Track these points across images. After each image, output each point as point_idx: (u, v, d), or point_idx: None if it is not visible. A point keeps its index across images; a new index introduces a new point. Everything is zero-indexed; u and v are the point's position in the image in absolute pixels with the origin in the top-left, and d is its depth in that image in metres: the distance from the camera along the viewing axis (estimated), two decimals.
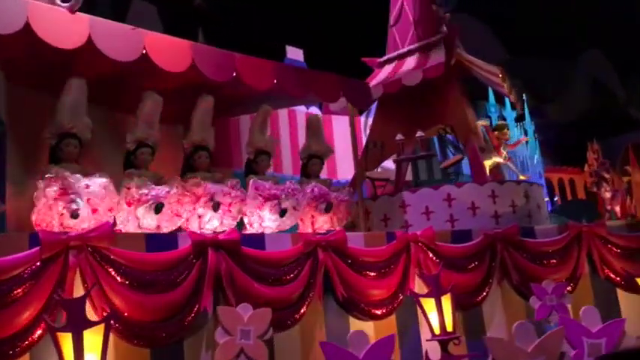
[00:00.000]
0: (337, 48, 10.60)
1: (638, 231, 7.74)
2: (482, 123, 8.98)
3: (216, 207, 6.04)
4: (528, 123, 17.59)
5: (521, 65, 24.64)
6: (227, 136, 9.46)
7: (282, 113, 9.53)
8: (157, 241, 5.18)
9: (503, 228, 7.22)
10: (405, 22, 9.81)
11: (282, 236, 6.11)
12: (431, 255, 6.71)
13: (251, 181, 6.74)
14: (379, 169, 9.67)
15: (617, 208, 8.92)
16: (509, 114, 17.40)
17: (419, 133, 8.44)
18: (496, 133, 9.08)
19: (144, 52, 5.65)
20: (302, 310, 5.78)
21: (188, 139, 6.61)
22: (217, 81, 6.29)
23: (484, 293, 6.93)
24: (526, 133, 17.51)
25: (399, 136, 8.41)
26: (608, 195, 8.90)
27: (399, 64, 9.35)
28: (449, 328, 5.83)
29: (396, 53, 9.51)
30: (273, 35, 11.91)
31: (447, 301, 5.88)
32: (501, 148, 9.02)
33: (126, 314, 4.68)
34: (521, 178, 9.19)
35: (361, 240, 6.49)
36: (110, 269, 4.67)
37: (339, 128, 10.83)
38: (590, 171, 9.37)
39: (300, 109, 10.83)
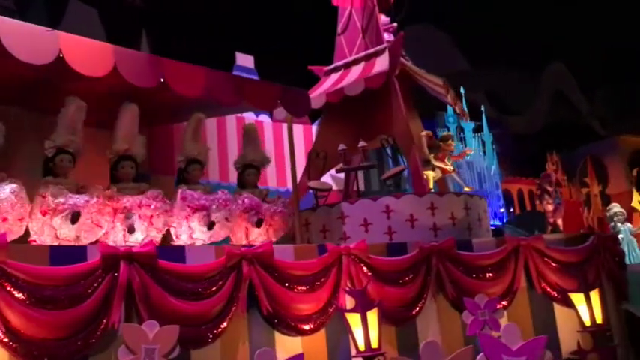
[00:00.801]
0: (295, 56, 10.39)
1: (577, 245, 7.71)
2: (425, 134, 8.88)
3: (128, 219, 5.79)
4: (486, 134, 17.68)
5: (483, 76, 24.85)
6: (170, 143, 9.24)
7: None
8: (62, 253, 4.92)
9: (440, 241, 7.11)
10: (352, 30, 9.72)
11: (205, 249, 5.91)
12: (364, 268, 6.57)
13: (179, 192, 6.53)
14: (330, 179, 9.53)
15: (560, 221, 8.91)
16: (468, 125, 17.48)
17: (361, 144, 8.32)
18: (441, 144, 8.99)
19: (60, 55, 5.41)
20: (223, 326, 5.57)
21: (112, 148, 6.37)
22: (142, 87, 6.05)
23: (418, 307, 6.79)
24: (484, 145, 17.61)
25: (341, 146, 8.28)
26: (550, 208, 8.88)
27: (344, 73, 9.24)
28: (374, 344, 5.69)
29: (342, 62, 9.40)
30: (226, 41, 11.70)
31: (373, 317, 5.74)
32: (446, 160, 8.93)
33: (22, 331, 4.42)
34: (466, 189, 9.11)
35: (291, 252, 6.30)
36: (5, 283, 4.41)
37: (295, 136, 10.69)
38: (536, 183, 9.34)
39: (249, 116, 10.67)
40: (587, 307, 6.69)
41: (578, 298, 6.76)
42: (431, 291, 6.92)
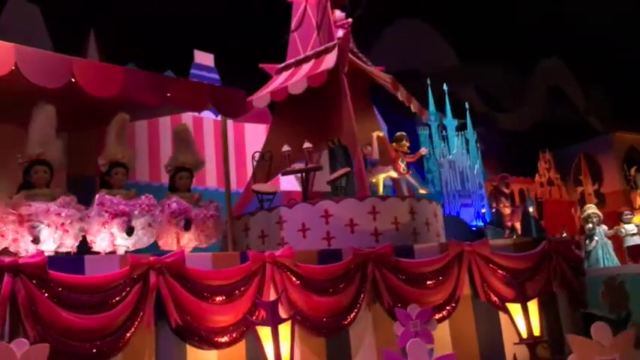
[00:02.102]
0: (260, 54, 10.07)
1: (526, 250, 7.32)
2: (377, 134, 8.53)
3: (34, 228, 5.51)
4: (470, 132, 17.23)
5: (473, 72, 24.34)
6: None
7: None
8: None
9: (378, 247, 6.77)
10: (307, 26, 9.39)
11: (108, 258, 5.62)
12: (292, 277, 6.25)
13: (96, 197, 6.24)
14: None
15: (518, 225, 8.52)
16: (450, 122, 17.06)
17: (306, 145, 7.99)
18: (394, 144, 8.63)
19: None
20: (125, 339, 5.28)
21: (24, 153, 6.08)
22: (48, 87, 5.77)
23: (350, 317, 6.47)
24: (468, 143, 17.19)
25: (285, 148, 7.96)
26: (507, 211, 8.50)
27: (294, 71, 8.91)
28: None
29: (293, 60, 9.06)
30: (184, 40, 11.39)
31: (285, 330, 5.41)
32: (399, 161, 8.57)
33: None
34: (422, 192, 8.75)
35: (209, 261, 5.99)
36: None
37: (255, 137, 10.46)
38: (493, 186, 8.94)
39: (208, 115, 10.40)
40: (524, 318, 6.30)
41: (515, 309, 6.37)
42: (366, 300, 6.59)
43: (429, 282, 6.84)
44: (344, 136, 8.07)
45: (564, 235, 15.26)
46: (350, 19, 9.30)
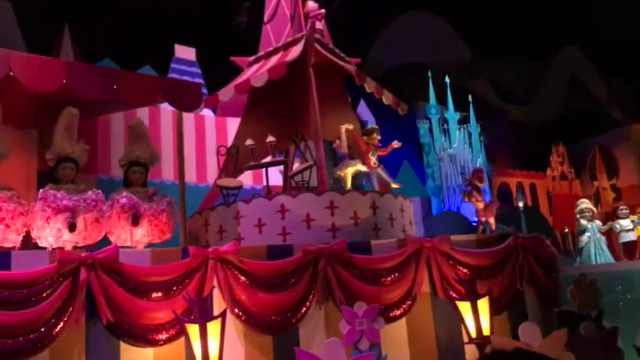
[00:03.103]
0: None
1: (491, 247, 7.04)
2: (346, 127, 8.30)
3: None
4: (473, 125, 16.83)
5: (486, 64, 23.75)
6: (93, 140, 8.97)
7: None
8: None
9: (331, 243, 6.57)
10: (281, 18, 9.18)
11: (37, 254, 5.56)
12: (236, 273, 6.11)
13: (40, 192, 6.19)
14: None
15: (492, 220, 8.21)
16: (452, 116, 16.70)
17: (270, 139, 7.82)
18: (364, 137, 8.39)
19: None
20: (52, 336, 5.21)
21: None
22: None
23: (299, 314, 6.29)
24: (470, 136, 16.80)
25: (248, 142, 7.80)
26: (480, 205, 8.19)
27: (264, 64, 8.73)
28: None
29: (263, 52, 8.88)
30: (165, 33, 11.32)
31: (214, 328, 5.27)
32: (369, 154, 8.33)
33: None
34: (394, 186, 8.49)
35: (147, 257, 5.88)
36: None
37: (221, 130, 10.32)
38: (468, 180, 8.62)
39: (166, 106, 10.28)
40: (473, 317, 6.03)
41: (464, 307, 6.11)
42: (317, 297, 6.40)
43: (385, 279, 6.61)
44: (308, 129, 7.88)
45: (566, 230, 14.81)
46: (323, 10, 9.09)
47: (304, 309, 6.31)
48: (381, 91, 8.51)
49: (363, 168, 8.22)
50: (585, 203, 10.90)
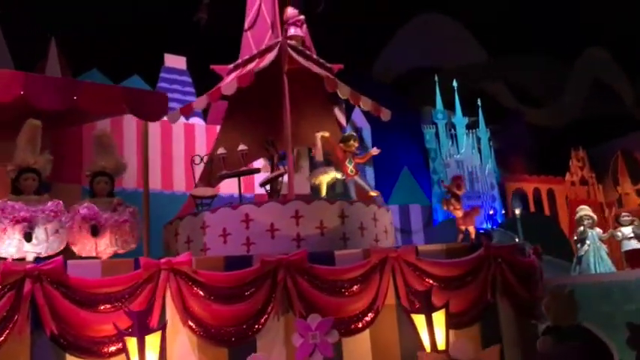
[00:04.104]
0: None
1: (459, 257, 6.79)
2: (322, 134, 8.16)
3: None
4: (482, 130, 16.45)
5: (503, 66, 23.23)
6: (77, 148, 9.08)
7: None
8: None
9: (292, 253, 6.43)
10: (261, 25, 9.10)
11: None
12: (190, 285, 6.02)
13: None
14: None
15: (472, 229, 7.93)
16: (460, 121, 16.35)
17: (241, 147, 7.75)
18: (341, 145, 8.22)
19: None
20: None
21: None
22: None
23: (257, 326, 6.16)
24: (479, 141, 16.43)
25: (220, 150, 7.74)
26: (459, 214, 7.92)
27: (241, 72, 8.65)
28: None
29: (240, 60, 8.81)
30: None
31: (154, 342, 5.18)
32: (346, 162, 8.15)
33: None
34: (372, 194, 8.29)
35: (98, 269, 5.85)
36: None
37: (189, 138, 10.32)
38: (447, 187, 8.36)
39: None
40: (427, 331, 5.80)
41: (419, 320, 5.88)
42: (276, 309, 6.26)
43: (347, 290, 6.44)
44: (280, 137, 7.77)
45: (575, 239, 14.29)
46: (302, 17, 8.98)
47: (262, 320, 6.19)
48: (357, 98, 8.33)
49: (338, 175, 8.05)
50: (584, 210, 10.46)
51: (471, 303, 6.66)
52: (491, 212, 14.84)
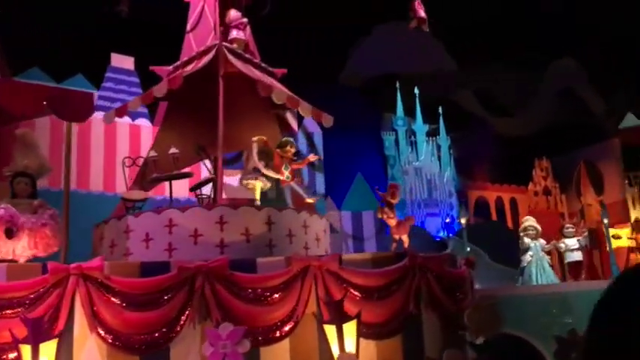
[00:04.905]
0: None
1: (385, 266, 6.71)
2: (257, 139, 8.04)
3: None
4: (443, 138, 16.46)
5: (472, 75, 23.30)
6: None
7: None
8: None
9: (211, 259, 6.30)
10: (204, 27, 8.98)
11: None
12: (101, 291, 5.87)
13: None
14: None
15: (405, 237, 7.86)
16: (420, 128, 16.35)
17: (172, 150, 7.61)
18: (278, 150, 8.11)
19: None
20: None
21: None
22: None
23: (171, 334, 6.03)
24: (439, 149, 16.44)
25: (151, 153, 7.60)
26: (393, 222, 7.85)
27: (180, 73, 8.51)
28: None
29: (179, 61, 8.68)
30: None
31: (49, 350, 5.03)
32: (282, 168, 8.04)
33: None
34: (309, 201, 8.20)
35: (3, 273, 5.68)
36: None
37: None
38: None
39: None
40: (337, 342, 5.71)
41: (330, 331, 5.79)
42: (192, 316, 6.13)
43: (267, 298, 6.32)
44: (210, 141, 7.65)
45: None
46: (245, 20, 8.89)
47: (177, 329, 6.05)
48: (296, 102, 8.23)
49: (268, 182, 7.94)
50: (529, 221, 10.45)
51: (393, 314, 6.58)
52: (447, 220, 14.82)
